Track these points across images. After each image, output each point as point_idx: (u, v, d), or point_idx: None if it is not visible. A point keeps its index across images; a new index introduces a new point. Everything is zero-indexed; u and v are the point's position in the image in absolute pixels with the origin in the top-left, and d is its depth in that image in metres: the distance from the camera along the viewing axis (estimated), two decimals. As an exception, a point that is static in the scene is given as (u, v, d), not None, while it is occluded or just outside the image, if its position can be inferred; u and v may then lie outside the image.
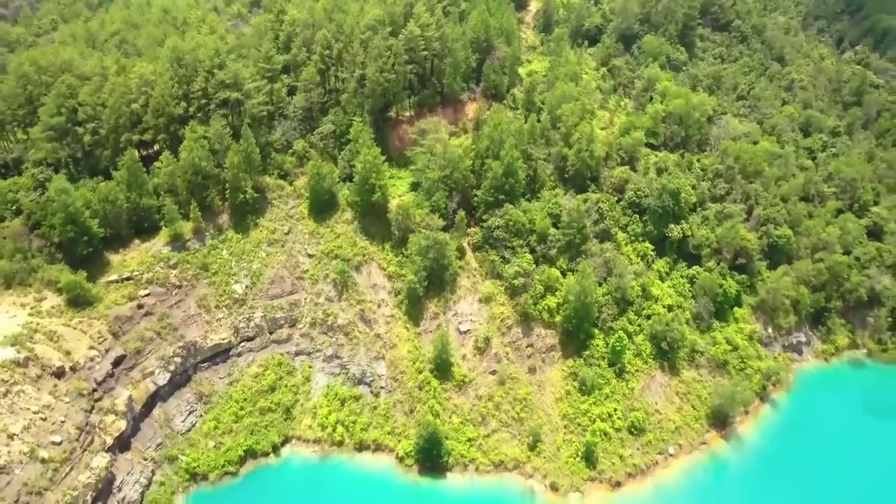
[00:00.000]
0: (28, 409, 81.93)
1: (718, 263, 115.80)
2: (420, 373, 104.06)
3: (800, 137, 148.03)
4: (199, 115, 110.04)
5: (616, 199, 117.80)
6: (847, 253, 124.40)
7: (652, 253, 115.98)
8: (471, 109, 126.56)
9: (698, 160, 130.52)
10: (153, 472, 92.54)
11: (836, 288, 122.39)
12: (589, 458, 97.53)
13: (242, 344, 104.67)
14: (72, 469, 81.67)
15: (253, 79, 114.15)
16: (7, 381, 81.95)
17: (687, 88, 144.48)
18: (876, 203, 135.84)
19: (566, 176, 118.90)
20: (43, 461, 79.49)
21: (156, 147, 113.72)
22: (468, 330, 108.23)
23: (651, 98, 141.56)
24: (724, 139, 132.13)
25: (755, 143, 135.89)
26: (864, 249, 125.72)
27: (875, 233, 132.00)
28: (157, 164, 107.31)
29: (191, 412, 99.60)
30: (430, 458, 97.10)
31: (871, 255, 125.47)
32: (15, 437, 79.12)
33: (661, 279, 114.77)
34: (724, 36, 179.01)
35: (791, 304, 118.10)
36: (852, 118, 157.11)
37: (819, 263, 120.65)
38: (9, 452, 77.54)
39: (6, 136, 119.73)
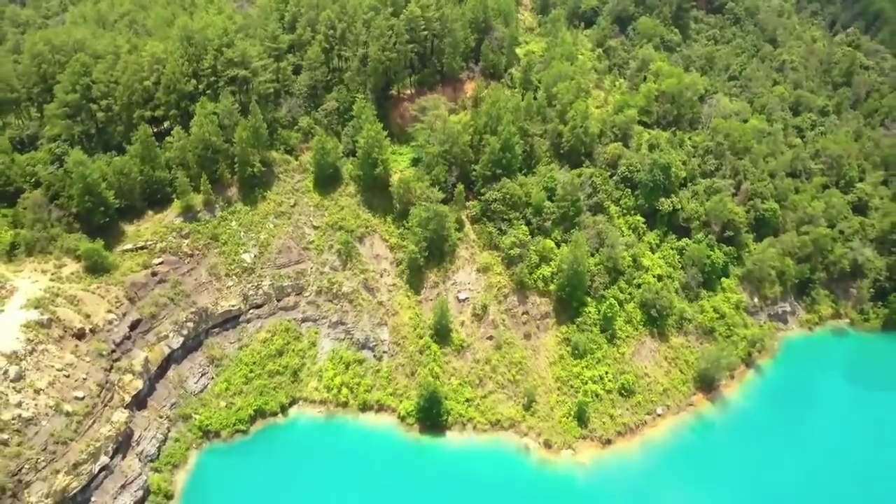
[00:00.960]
0: (52, 366, 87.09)
1: (707, 236, 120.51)
2: (421, 338, 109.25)
3: (789, 116, 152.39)
4: (208, 92, 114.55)
5: (609, 173, 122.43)
6: (832, 226, 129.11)
7: (643, 225, 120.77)
8: (469, 88, 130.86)
9: (689, 138, 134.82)
10: (168, 430, 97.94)
11: (821, 260, 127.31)
12: (581, 418, 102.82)
13: (251, 311, 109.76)
14: (94, 422, 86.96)
15: (260, 57, 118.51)
16: (32, 341, 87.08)
17: (680, 69, 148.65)
18: (861, 179, 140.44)
19: (561, 152, 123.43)
20: (67, 414, 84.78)
21: (166, 124, 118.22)
22: (466, 298, 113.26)
23: (645, 78, 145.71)
24: (714, 117, 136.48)
25: (745, 121, 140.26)
26: (848, 223, 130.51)
27: (860, 208, 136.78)
28: (168, 138, 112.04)
29: (203, 374, 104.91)
30: (430, 417, 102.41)
31: (855, 228, 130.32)
32: (41, 391, 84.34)
33: (652, 250, 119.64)
34: (717, 18, 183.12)
35: (777, 274, 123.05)
36: (841, 98, 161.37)
37: (804, 236, 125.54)
38: (36, 405, 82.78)
39: (21, 114, 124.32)
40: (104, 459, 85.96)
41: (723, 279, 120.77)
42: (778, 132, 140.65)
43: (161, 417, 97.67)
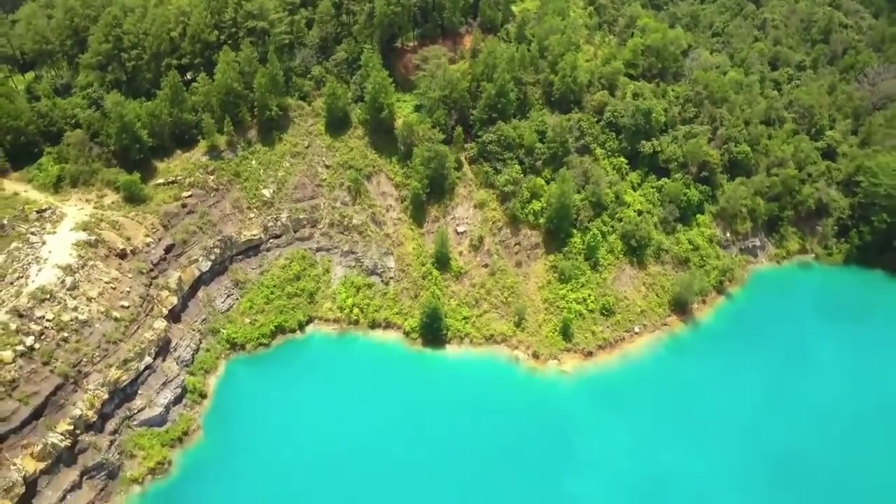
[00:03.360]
0: (101, 279, 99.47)
1: (684, 175, 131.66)
2: (423, 265, 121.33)
3: (767, 71, 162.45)
4: (229, 42, 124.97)
5: (596, 119, 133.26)
6: (800, 169, 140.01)
7: (626, 166, 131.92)
8: (468, 41, 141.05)
9: (672, 89, 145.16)
10: (200, 341, 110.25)
11: (789, 199, 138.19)
12: (565, 333, 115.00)
13: (271, 240, 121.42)
14: (138, 328, 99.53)
15: (276, 10, 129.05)
16: (83, 257, 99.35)
17: (665, 25, 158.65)
18: (832, 128, 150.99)
19: (552, 99, 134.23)
20: (116, 319, 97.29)
21: (188, 75, 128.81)
22: (464, 231, 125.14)
23: (633, 34, 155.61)
24: (695, 70, 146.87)
25: (724, 73, 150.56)
26: (816, 167, 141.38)
27: (829, 154, 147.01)
28: (194, 84, 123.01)
29: (229, 295, 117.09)
30: (432, 332, 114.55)
31: (821, 171, 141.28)
32: (93, 300, 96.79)
33: (634, 189, 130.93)
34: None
35: (748, 212, 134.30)
36: (818, 54, 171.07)
37: (774, 177, 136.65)
38: (89, 310, 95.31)
39: (55, 65, 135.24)
40: (148, 360, 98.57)
41: (698, 215, 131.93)
42: (755, 84, 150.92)
43: (193, 330, 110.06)
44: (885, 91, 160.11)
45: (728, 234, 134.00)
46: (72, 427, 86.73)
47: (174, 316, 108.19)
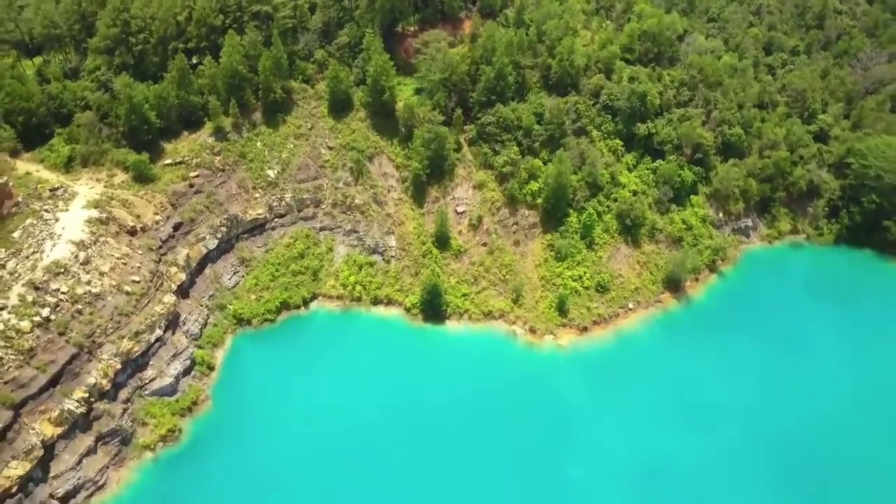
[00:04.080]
0: (112, 255, 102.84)
1: (679, 157, 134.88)
2: (423, 244, 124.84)
3: (762, 55, 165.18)
4: (234, 26, 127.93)
5: (592, 102, 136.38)
6: (792, 152, 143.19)
7: (622, 148, 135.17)
8: (467, 26, 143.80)
9: (668, 73, 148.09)
10: (208, 317, 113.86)
11: (781, 181, 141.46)
12: (561, 309, 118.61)
13: (276, 219, 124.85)
14: (149, 302, 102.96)
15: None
16: (95, 233, 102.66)
17: (661, 10, 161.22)
18: (824, 112, 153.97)
19: (550, 82, 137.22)
20: (127, 293, 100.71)
21: (193, 59, 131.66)
22: (464, 211, 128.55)
23: (629, 19, 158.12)
24: (690, 54, 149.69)
25: (719, 58, 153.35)
26: (808, 150, 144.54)
27: (821, 137, 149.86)
28: (200, 67, 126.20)
29: (235, 273, 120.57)
30: (432, 308, 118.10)
31: (813, 153, 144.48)
32: (105, 274, 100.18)
33: (629, 170, 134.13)
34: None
35: (741, 193, 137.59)
36: (812, 39, 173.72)
37: (766, 159, 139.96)
38: (102, 284, 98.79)
39: (63, 50, 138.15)
40: (158, 332, 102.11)
41: (691, 196, 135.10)
42: (748, 68, 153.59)
43: (201, 306, 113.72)
44: (877, 76, 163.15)
45: (721, 215, 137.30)
46: (87, 395, 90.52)
47: (182, 292, 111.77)
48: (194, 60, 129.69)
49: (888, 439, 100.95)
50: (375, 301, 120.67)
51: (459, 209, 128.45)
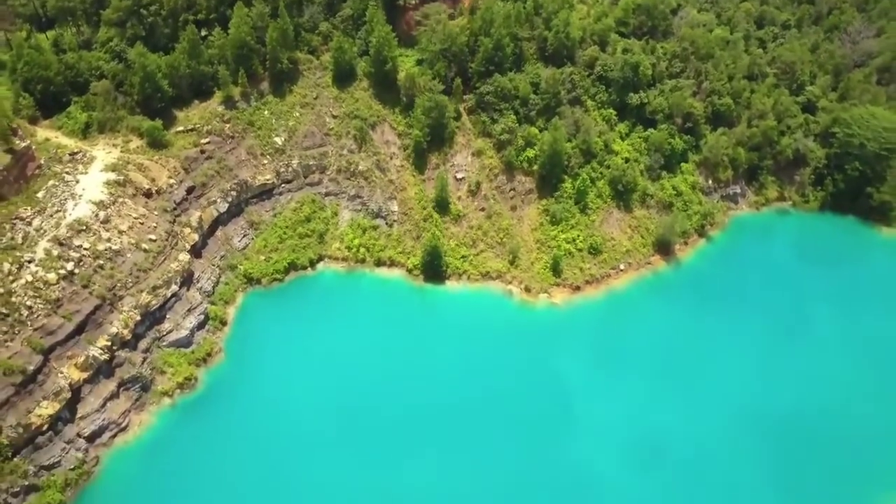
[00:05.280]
0: (130, 215, 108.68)
1: (670, 126, 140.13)
2: (424, 209, 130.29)
3: (753, 29, 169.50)
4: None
5: (587, 73, 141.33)
6: (780, 121, 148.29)
7: (615, 117, 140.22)
8: (466, 0, 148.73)
9: (661, 46, 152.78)
10: (220, 276, 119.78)
11: (769, 150, 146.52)
12: (556, 269, 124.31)
13: (283, 185, 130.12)
14: (165, 259, 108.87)
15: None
16: (114, 195, 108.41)
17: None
18: (812, 83, 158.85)
19: (546, 54, 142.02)
20: (145, 251, 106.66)
21: (203, 31, 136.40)
22: (463, 177, 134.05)
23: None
24: (683, 27, 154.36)
25: (711, 31, 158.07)
26: (795, 120, 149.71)
27: (809, 108, 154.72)
28: (210, 38, 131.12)
29: (245, 235, 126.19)
30: (433, 269, 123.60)
31: (800, 123, 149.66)
32: (123, 233, 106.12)
33: (622, 138, 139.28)
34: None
35: (729, 161, 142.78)
36: (803, 13, 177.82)
37: (754, 129, 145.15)
38: (121, 242, 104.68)
39: (75, 23, 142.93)
40: (174, 288, 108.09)
41: (682, 164, 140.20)
42: (739, 41, 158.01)
43: (213, 266, 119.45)
44: (865, 49, 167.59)
45: (710, 182, 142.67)
46: (109, 343, 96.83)
47: (196, 252, 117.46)
48: (203, 32, 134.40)
49: (872, 391, 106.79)
50: (379, 262, 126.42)
51: (459, 175, 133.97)
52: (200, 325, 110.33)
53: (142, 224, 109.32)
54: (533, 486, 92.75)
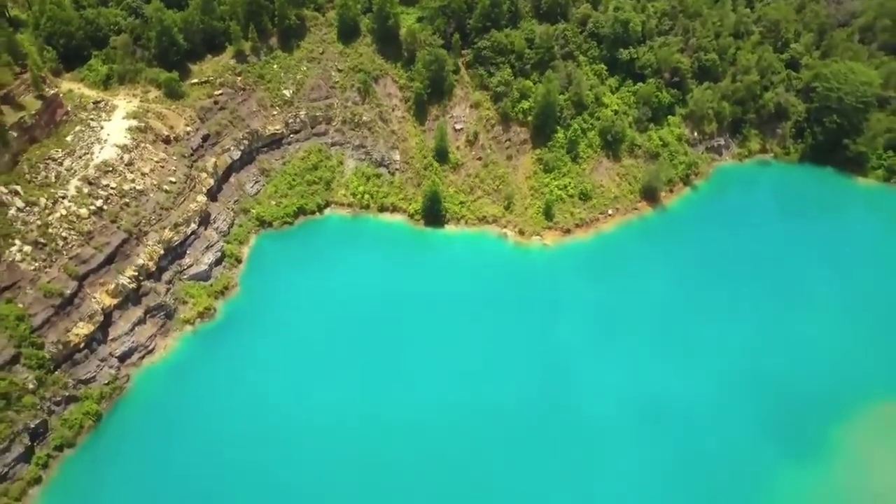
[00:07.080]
0: (151, 159, 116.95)
1: (657, 80, 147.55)
2: (425, 158, 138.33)
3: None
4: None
5: (580, 29, 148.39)
6: (763, 77, 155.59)
7: (605, 72, 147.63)
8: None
9: (651, 5, 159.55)
10: (234, 219, 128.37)
11: (752, 104, 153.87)
12: (548, 214, 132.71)
13: (291, 135, 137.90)
14: (184, 200, 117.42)
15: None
16: (136, 140, 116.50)
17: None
18: (797, 41, 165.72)
19: (541, 12, 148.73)
20: (166, 192, 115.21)
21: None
22: (461, 128, 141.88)
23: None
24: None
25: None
26: (778, 75, 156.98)
27: (793, 64, 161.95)
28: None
29: (256, 182, 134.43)
30: (433, 213, 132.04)
31: (782, 78, 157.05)
32: (146, 175, 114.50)
33: (612, 92, 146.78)
34: None
35: (714, 114, 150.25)
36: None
37: (738, 83, 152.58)
38: (144, 183, 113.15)
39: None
40: (193, 226, 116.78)
41: (669, 116, 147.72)
42: (727, 1, 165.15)
43: (228, 209, 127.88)
44: (849, 9, 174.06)
45: (696, 134, 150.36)
46: (136, 273, 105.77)
47: (211, 196, 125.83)
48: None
49: (848, 330, 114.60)
50: (382, 208, 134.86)
51: (457, 126, 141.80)
52: (218, 262, 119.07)
53: (162, 167, 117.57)
54: (525, 401, 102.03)
